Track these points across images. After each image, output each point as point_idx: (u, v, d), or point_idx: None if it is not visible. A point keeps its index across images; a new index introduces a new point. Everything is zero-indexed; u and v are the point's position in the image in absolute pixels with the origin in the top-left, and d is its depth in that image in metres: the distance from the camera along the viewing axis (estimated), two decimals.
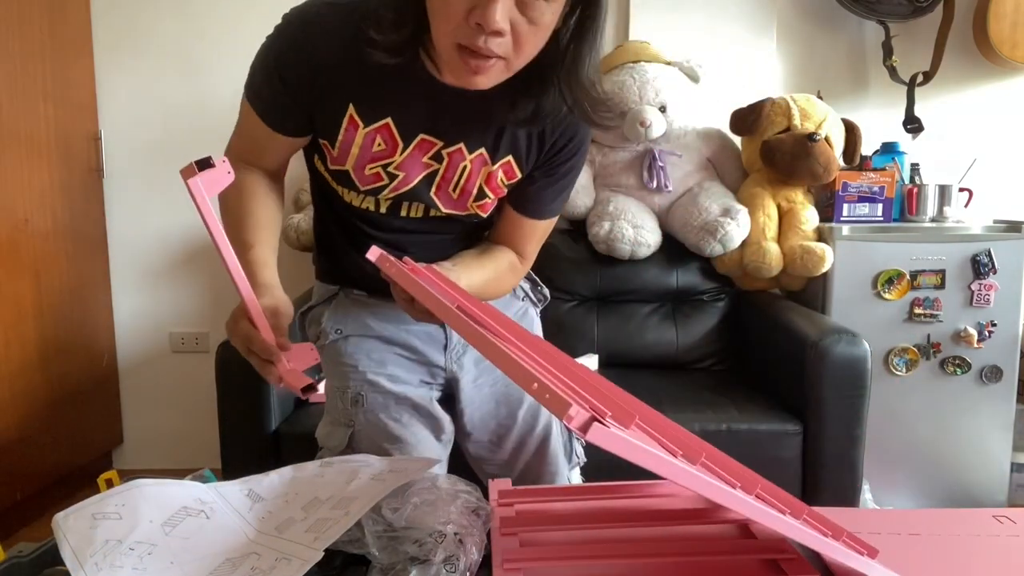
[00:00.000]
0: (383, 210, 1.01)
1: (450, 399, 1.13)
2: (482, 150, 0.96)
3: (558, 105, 0.89)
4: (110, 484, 0.79)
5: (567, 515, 0.84)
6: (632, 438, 0.52)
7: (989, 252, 2.04)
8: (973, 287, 2.06)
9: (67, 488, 2.20)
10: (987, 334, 2.07)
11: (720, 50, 2.41)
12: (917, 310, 2.07)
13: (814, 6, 2.44)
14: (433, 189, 0.99)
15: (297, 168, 1.05)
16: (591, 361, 2.06)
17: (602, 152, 2.31)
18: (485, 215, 1.03)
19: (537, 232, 1.08)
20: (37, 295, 2.13)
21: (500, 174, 0.99)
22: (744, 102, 2.26)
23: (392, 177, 0.96)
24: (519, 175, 1.00)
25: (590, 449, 1.24)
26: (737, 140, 2.36)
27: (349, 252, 1.07)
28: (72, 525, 0.67)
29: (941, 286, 2.07)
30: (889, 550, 0.70)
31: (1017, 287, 2.06)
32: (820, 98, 2.27)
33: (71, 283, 2.29)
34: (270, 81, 0.91)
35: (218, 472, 0.95)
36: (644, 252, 2.18)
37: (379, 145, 0.94)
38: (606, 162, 2.30)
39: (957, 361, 2.09)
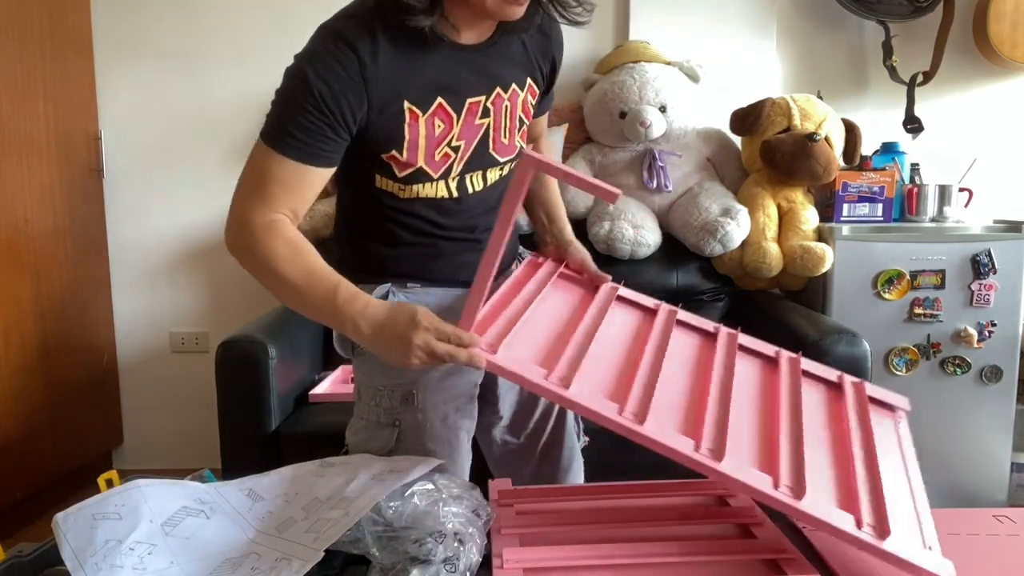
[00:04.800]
0: (454, 193, 1.05)
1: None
2: (513, 85, 1.05)
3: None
4: (110, 484, 0.79)
5: (567, 515, 0.84)
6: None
7: (989, 252, 2.04)
8: (973, 287, 2.06)
9: (67, 488, 2.20)
10: (987, 334, 2.07)
11: (720, 50, 2.41)
12: (917, 310, 2.07)
13: (814, 6, 2.44)
14: (491, 145, 1.05)
15: None
16: None
17: (602, 152, 2.31)
18: (525, 141, 1.13)
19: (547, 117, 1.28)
20: (37, 295, 2.13)
21: (528, 97, 1.09)
22: (744, 102, 2.25)
23: (456, 150, 1.02)
24: (538, 91, 1.11)
25: (598, 451, 1.30)
26: (737, 140, 2.36)
27: (406, 243, 1.08)
28: (72, 525, 0.68)
29: (941, 286, 2.06)
30: None
31: (1017, 287, 2.06)
32: (820, 98, 2.27)
33: (71, 283, 2.29)
34: (316, 108, 0.90)
35: (218, 472, 0.95)
36: (644, 252, 2.17)
37: (439, 126, 0.99)
38: (606, 162, 2.30)
39: (957, 361, 2.09)
